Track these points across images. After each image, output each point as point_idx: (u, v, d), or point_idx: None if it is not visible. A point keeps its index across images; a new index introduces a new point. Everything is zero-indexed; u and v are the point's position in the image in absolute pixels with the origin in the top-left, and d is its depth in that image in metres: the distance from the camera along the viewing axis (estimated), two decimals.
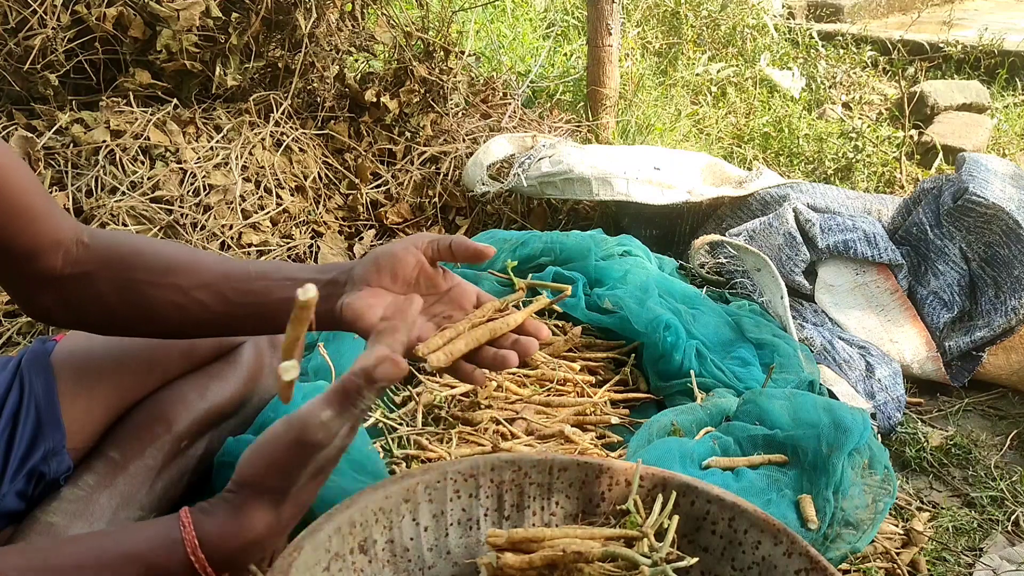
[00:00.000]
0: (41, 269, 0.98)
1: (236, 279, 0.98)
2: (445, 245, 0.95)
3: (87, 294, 1.00)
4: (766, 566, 1.04)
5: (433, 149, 2.56)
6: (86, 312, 1.02)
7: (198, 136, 2.30)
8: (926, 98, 3.58)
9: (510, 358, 0.94)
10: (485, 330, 0.95)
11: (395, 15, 2.65)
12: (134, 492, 1.07)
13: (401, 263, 0.94)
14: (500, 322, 0.97)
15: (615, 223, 2.48)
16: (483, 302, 0.99)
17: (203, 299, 0.98)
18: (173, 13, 2.22)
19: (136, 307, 1.00)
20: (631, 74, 3.18)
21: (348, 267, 0.97)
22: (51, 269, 0.98)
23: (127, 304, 1.00)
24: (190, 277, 0.99)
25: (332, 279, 0.96)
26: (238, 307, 0.99)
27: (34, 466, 1.03)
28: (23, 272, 0.98)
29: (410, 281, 0.95)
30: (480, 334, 0.95)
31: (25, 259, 0.97)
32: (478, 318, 0.96)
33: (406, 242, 0.96)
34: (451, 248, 0.95)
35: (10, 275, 1.00)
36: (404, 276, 0.95)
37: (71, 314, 1.02)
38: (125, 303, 1.00)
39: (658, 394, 1.72)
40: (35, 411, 1.04)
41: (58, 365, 1.09)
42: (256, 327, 1.03)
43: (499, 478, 1.12)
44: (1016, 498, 1.62)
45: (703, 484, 1.09)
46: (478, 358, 0.95)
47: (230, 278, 0.98)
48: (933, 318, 2.02)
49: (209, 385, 1.17)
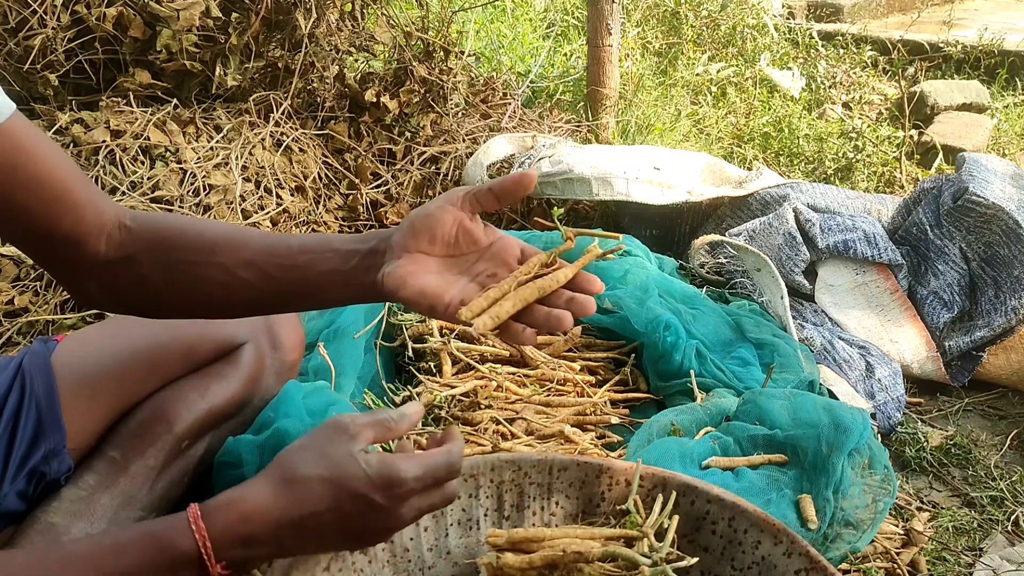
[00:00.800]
0: (85, 255, 0.97)
1: (279, 255, 0.96)
2: (484, 192, 0.89)
3: (132, 278, 0.99)
4: (766, 566, 1.04)
5: (433, 149, 2.56)
6: (132, 295, 1.01)
7: (198, 136, 2.30)
8: (926, 98, 3.58)
9: (564, 318, 0.86)
10: (533, 288, 0.87)
11: (395, 15, 2.65)
12: (135, 492, 1.07)
13: (439, 223, 0.89)
14: (549, 278, 0.88)
15: (615, 223, 2.48)
16: (528, 256, 0.92)
17: (247, 277, 0.97)
18: (173, 13, 2.22)
19: (182, 288, 0.99)
20: (631, 74, 3.18)
21: (387, 235, 0.92)
22: (95, 254, 0.98)
23: (173, 285, 0.99)
24: (233, 255, 0.97)
25: (372, 248, 0.92)
26: (283, 283, 0.97)
27: (35, 466, 1.03)
28: (68, 258, 0.98)
29: (449, 240, 0.90)
30: (528, 293, 0.86)
31: (69, 245, 0.96)
32: (524, 275, 0.88)
33: (442, 200, 0.90)
34: (492, 192, 0.89)
35: (55, 262, 1.00)
36: (443, 236, 0.90)
37: (118, 298, 1.02)
38: (171, 285, 0.99)
39: (658, 394, 1.72)
40: (36, 411, 1.04)
41: (59, 365, 1.09)
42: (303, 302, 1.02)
43: (499, 478, 1.12)
44: (1016, 498, 1.62)
45: (703, 484, 1.09)
46: (529, 318, 0.87)
47: (273, 254, 0.96)
48: (933, 318, 2.02)
49: (210, 385, 1.17)
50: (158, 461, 1.10)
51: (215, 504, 0.80)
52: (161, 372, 1.15)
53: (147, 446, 1.10)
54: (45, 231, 0.94)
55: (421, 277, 0.88)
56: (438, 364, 1.67)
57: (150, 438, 1.10)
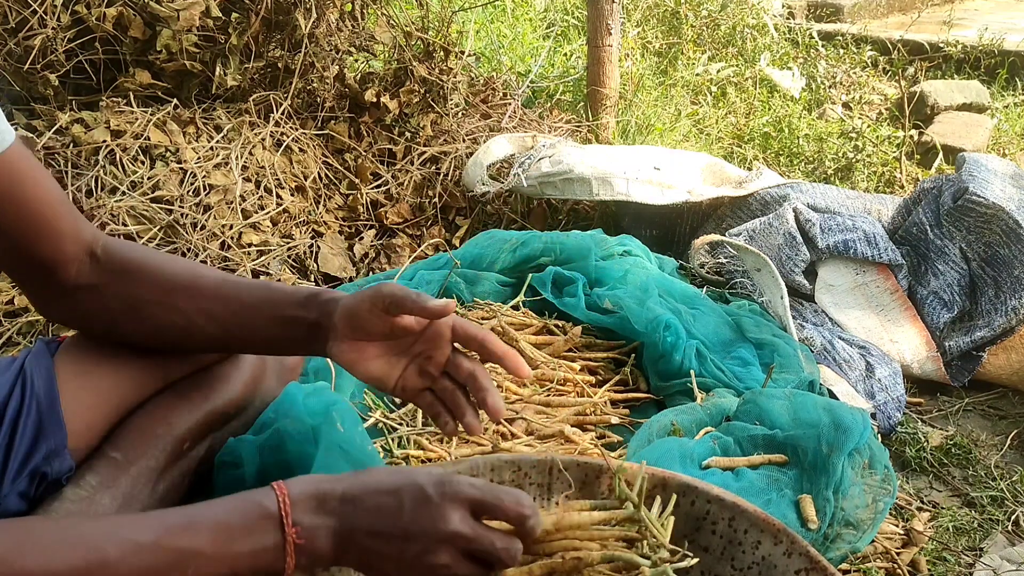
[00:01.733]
0: (57, 278, 1.04)
1: (231, 308, 1.05)
2: (407, 303, 0.97)
3: (95, 305, 1.06)
4: (766, 566, 1.04)
5: (433, 149, 2.56)
6: (94, 321, 1.08)
7: (198, 136, 2.30)
8: (926, 98, 3.58)
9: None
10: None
11: (395, 15, 2.65)
12: (136, 493, 1.07)
13: (370, 323, 0.99)
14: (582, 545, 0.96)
15: (615, 223, 2.48)
16: (460, 335, 1.01)
17: (201, 323, 1.06)
18: (173, 13, 2.22)
19: (139, 323, 1.07)
20: (631, 74, 3.18)
21: (328, 310, 1.02)
22: (65, 280, 1.04)
23: (131, 320, 1.06)
24: (190, 302, 1.05)
25: (315, 321, 1.02)
26: (236, 337, 1.07)
27: (36, 466, 1.03)
28: (40, 280, 1.04)
29: (384, 333, 1.00)
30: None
31: (44, 268, 1.03)
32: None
33: (368, 302, 0.99)
34: (414, 305, 0.97)
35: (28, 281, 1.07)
36: (378, 332, 1.00)
37: (80, 323, 1.10)
38: (129, 319, 1.06)
39: (658, 394, 1.72)
40: (36, 411, 1.04)
41: (61, 365, 1.08)
42: (258, 351, 1.15)
43: (499, 478, 1.12)
44: (1016, 498, 1.62)
45: (703, 484, 1.09)
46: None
47: (227, 306, 1.06)
48: (933, 318, 2.02)
49: (212, 386, 1.17)
50: (159, 462, 1.10)
51: (296, 477, 0.85)
52: (163, 373, 1.15)
53: (148, 447, 1.09)
54: (25, 253, 1.01)
55: (366, 364, 1.01)
56: None
57: (152, 439, 1.10)
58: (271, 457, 1.16)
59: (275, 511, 0.80)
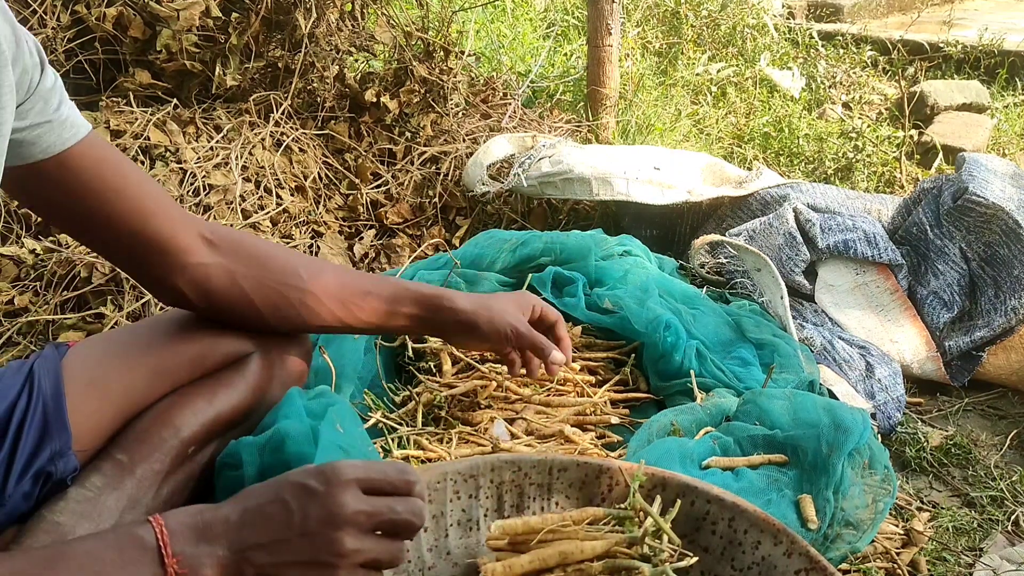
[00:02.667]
0: (175, 255, 1.10)
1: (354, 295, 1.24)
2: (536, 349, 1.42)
3: (224, 280, 1.14)
4: (766, 566, 1.04)
5: (433, 149, 2.56)
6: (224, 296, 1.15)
7: (198, 136, 2.30)
8: (926, 98, 3.58)
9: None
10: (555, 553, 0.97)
11: (395, 15, 2.65)
12: (141, 495, 1.08)
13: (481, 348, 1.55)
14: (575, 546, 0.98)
15: (615, 223, 2.48)
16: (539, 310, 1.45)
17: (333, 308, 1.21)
18: (173, 13, 2.22)
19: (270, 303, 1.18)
20: (631, 74, 3.18)
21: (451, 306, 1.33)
22: (186, 255, 1.11)
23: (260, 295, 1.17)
24: (318, 285, 1.19)
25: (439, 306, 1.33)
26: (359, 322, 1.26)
27: (41, 467, 1.03)
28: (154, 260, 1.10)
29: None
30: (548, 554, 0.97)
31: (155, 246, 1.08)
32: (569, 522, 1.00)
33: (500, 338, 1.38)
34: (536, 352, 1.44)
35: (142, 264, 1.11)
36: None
37: (208, 298, 1.15)
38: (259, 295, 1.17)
39: (658, 394, 1.72)
40: (42, 412, 1.04)
41: (69, 368, 1.09)
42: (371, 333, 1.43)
43: (499, 478, 1.12)
44: (1016, 498, 1.62)
45: (703, 484, 1.09)
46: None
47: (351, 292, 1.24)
48: (933, 318, 2.02)
49: (217, 393, 1.18)
50: (164, 466, 1.10)
51: (175, 509, 0.86)
52: (169, 378, 1.15)
53: (154, 450, 1.10)
54: (132, 234, 1.05)
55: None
56: (438, 364, 1.67)
57: (157, 443, 1.10)
58: (271, 458, 1.16)
59: (153, 543, 0.80)
